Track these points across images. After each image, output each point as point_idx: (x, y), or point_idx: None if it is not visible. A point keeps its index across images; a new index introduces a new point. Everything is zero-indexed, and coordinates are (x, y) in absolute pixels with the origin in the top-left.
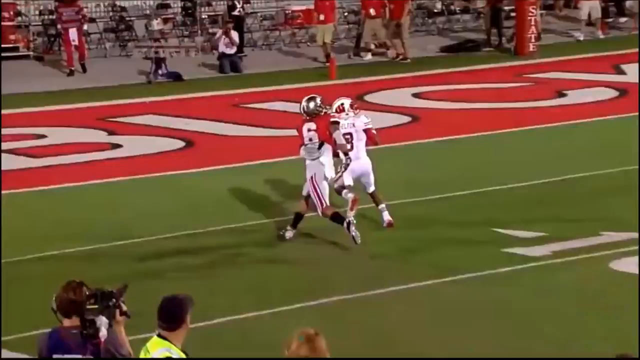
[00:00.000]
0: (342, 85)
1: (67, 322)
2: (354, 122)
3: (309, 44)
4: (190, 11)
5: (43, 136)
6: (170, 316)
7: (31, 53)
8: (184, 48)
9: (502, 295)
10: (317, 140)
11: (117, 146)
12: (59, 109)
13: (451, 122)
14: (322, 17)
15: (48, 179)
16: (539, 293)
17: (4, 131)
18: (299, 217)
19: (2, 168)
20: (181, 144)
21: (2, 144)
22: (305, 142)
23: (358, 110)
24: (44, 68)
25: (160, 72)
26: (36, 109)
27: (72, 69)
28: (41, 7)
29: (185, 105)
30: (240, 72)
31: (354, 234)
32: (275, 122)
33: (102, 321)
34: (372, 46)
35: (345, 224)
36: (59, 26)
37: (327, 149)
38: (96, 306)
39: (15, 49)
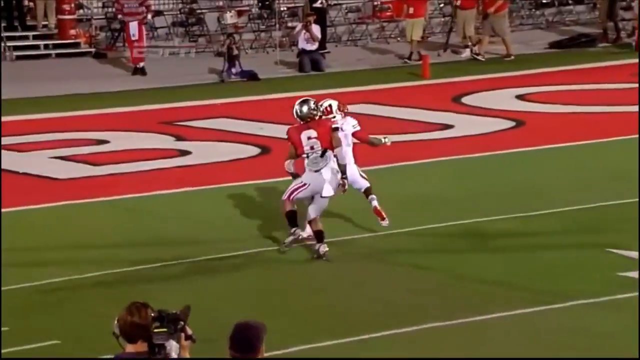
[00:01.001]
0: (435, 85)
1: (130, 348)
2: (342, 126)
3: (399, 39)
4: (267, 3)
5: (105, 141)
6: (245, 344)
7: (93, 49)
8: (260, 43)
9: (618, 323)
10: (320, 148)
11: (185, 153)
12: (122, 112)
13: (560, 127)
14: (411, 10)
15: (109, 189)
16: None
17: (62, 136)
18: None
19: (59, 177)
20: (256, 150)
21: (60, 150)
22: (306, 152)
23: (345, 113)
24: (105, 66)
25: (233, 70)
26: (97, 111)
27: (138, 66)
28: None
29: (260, 107)
30: (322, 70)
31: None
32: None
33: (173, 346)
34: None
35: (292, 230)
36: (120, 19)
37: (331, 157)
38: (164, 329)
39: (76, 45)
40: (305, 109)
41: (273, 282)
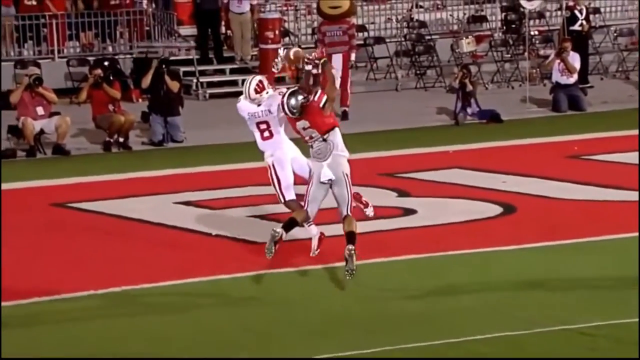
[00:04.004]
0: None
1: None
2: (269, 108)
3: None
4: (514, 26)
5: None
6: None
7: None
8: (504, 76)
9: None
10: (319, 135)
11: (410, 212)
12: None
13: None
14: None
15: (311, 257)
16: None
17: (262, 190)
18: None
19: (257, 239)
20: (497, 209)
21: (259, 207)
22: (309, 143)
23: (274, 88)
24: None
25: (469, 110)
26: None
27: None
28: (315, 24)
29: (503, 155)
30: (583, 110)
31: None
32: (625, 180)
33: None
34: None
35: (275, 237)
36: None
37: (336, 133)
38: None
39: (281, 79)
40: (292, 101)
41: None
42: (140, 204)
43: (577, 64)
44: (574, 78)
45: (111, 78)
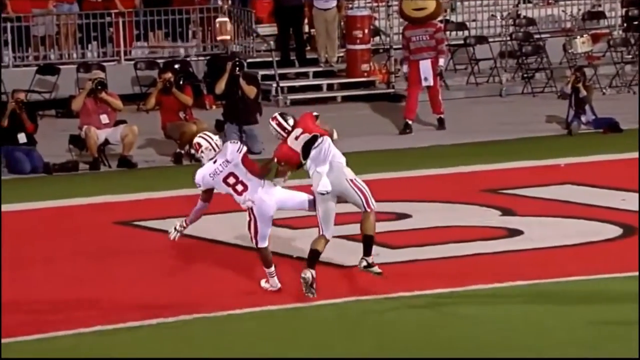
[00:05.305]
0: None
1: None
2: (226, 159)
3: None
4: (636, 23)
5: (406, 215)
6: None
7: (391, 90)
8: (625, 80)
9: None
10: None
11: (516, 233)
12: (428, 175)
13: None
14: None
15: (408, 281)
16: None
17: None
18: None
19: (344, 263)
20: (616, 230)
21: (347, 227)
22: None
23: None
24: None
25: (583, 118)
26: (397, 174)
27: (408, 122)
28: None
29: (622, 169)
30: None
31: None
32: None
33: None
34: None
35: (308, 281)
36: (405, 55)
37: (326, 140)
38: None
39: (369, 84)
40: (291, 120)
41: None
42: (214, 223)
43: None
44: None
45: (182, 82)
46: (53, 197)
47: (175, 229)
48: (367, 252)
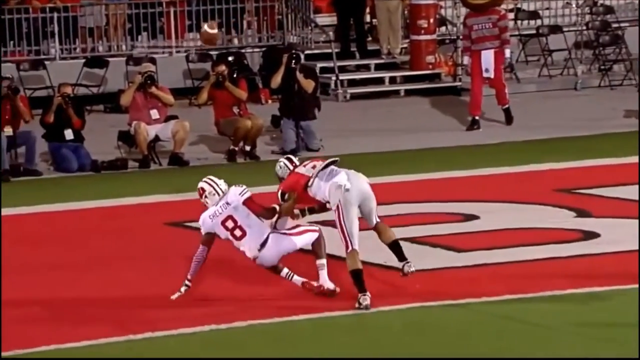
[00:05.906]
0: None
1: None
2: (227, 201)
3: None
4: None
5: (473, 217)
6: None
7: (458, 84)
8: None
9: None
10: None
11: (591, 235)
12: (497, 174)
13: None
14: None
15: (475, 287)
16: None
17: (413, 208)
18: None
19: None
20: None
21: (411, 228)
22: (312, 176)
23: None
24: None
25: None
26: (465, 172)
27: (475, 117)
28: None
29: None
30: None
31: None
32: None
33: None
34: None
35: (368, 306)
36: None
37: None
38: None
39: (435, 77)
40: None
41: None
42: None
43: None
44: None
45: (236, 76)
46: (101, 196)
47: (180, 291)
48: (402, 256)
